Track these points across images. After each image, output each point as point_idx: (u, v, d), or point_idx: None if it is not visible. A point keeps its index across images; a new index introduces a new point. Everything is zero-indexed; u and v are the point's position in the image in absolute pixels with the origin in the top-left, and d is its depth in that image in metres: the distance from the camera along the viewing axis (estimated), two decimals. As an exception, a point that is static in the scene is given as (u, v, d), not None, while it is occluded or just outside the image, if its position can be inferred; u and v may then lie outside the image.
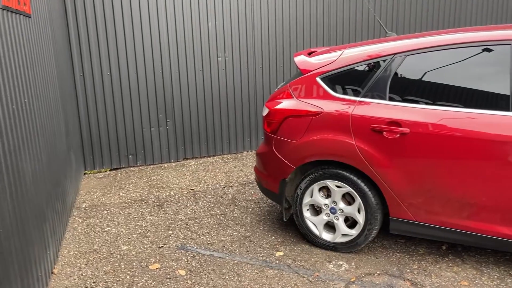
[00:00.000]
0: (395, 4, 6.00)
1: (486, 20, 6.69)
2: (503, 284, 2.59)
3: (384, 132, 2.77)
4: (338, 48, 3.23)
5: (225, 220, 3.65)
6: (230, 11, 5.28)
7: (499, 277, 2.67)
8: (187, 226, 3.55)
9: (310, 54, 3.35)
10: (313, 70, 3.14)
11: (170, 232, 3.45)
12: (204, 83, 5.33)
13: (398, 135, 2.74)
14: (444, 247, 3.05)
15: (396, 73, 2.86)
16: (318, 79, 3.09)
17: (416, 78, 2.87)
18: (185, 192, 4.32)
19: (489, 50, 2.66)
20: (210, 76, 5.34)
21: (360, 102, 2.91)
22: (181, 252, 3.12)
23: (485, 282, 2.62)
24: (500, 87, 2.56)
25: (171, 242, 3.28)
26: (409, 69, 2.87)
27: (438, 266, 2.83)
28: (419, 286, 2.62)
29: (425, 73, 2.85)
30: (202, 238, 3.33)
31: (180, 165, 5.22)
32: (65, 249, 3.21)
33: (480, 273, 2.72)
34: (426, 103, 2.75)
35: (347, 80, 3.01)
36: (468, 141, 2.57)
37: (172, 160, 5.35)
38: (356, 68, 2.98)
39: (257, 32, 5.46)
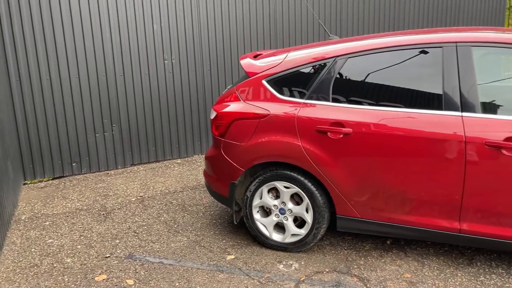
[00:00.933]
0: (338, 8, 6.19)
1: (426, 23, 7.05)
2: (442, 275, 2.74)
3: (329, 133, 2.84)
4: (283, 51, 3.28)
5: (175, 226, 3.59)
6: (176, 12, 5.21)
7: (438, 267, 2.82)
8: (136, 234, 3.45)
9: (256, 57, 3.37)
10: (259, 73, 3.16)
11: (117, 241, 3.34)
12: (151, 87, 5.22)
13: (341, 136, 2.82)
14: (388, 242, 3.18)
15: (338, 75, 2.94)
16: (264, 82, 3.12)
17: (358, 80, 2.97)
18: (133, 199, 4.20)
19: (425, 52, 2.81)
20: (157, 79, 5.24)
21: (305, 104, 2.96)
22: (129, 261, 3.03)
23: (426, 273, 2.76)
24: (434, 88, 2.71)
25: (118, 251, 3.18)
26: (351, 71, 2.97)
27: (383, 260, 2.94)
28: (365, 281, 2.71)
29: (366, 74, 2.96)
30: (151, 246, 3.25)
31: (127, 171, 5.08)
32: (3, 265, 3.01)
33: (421, 265, 2.86)
34: (368, 104, 2.85)
35: (292, 82, 3.06)
36: (406, 139, 2.69)
37: (119, 167, 5.19)
38: (300, 70, 3.04)
39: (204, 34, 5.43)
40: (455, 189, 2.63)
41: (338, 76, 2.94)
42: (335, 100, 2.92)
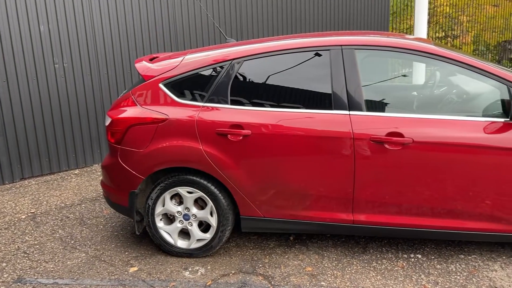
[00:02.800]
0: (238, 11, 6.28)
1: (324, 27, 7.45)
2: (340, 264, 2.90)
3: (228, 135, 2.86)
4: (180, 54, 3.23)
5: (72, 242, 3.34)
6: (65, 12, 4.86)
7: (336, 258, 2.98)
8: (26, 255, 3.14)
9: (152, 60, 3.28)
10: (155, 76, 3.07)
11: (4, 264, 3.01)
12: (41, 93, 4.80)
13: (241, 137, 2.85)
14: (291, 238, 3.29)
15: (235, 78, 2.97)
16: (161, 85, 3.04)
17: (255, 82, 3.03)
18: (23, 217, 3.83)
19: (316, 55, 2.95)
20: (47, 85, 4.84)
21: (204, 107, 2.95)
22: (18, 285, 2.75)
23: (326, 265, 2.90)
24: (325, 89, 2.86)
25: (5, 276, 2.87)
26: (248, 74, 3.02)
27: (286, 256, 3.03)
28: (270, 278, 2.77)
29: (263, 77, 3.03)
30: (44, 266, 2.98)
31: (16, 186, 4.61)
32: None
33: (321, 258, 3.00)
34: (265, 106, 2.93)
35: (190, 85, 3.02)
36: (301, 138, 2.81)
37: (6, 182, 4.69)
38: (198, 73, 3.01)
39: (99, 37, 5.14)
40: (347, 183, 2.80)
41: (235, 78, 2.97)
42: (233, 103, 2.94)
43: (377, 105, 2.98)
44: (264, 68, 3.02)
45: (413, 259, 2.92)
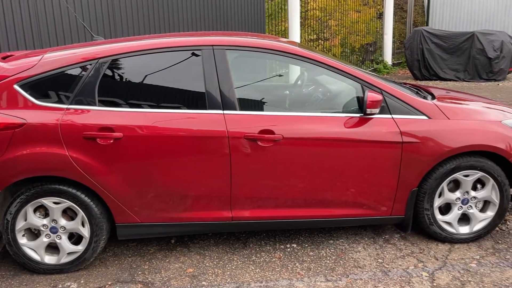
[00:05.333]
0: (110, 8, 5.95)
1: (200, 27, 7.44)
2: (221, 262, 2.93)
3: (97, 139, 2.69)
4: (39, 52, 2.94)
5: None
6: None
7: (218, 256, 3.01)
8: None
9: (4, 58, 2.93)
10: (9, 77, 2.75)
11: None
12: None
13: (112, 141, 2.70)
14: (173, 241, 3.23)
15: (103, 78, 2.80)
16: (16, 87, 2.72)
17: (126, 82, 2.91)
18: None
19: (188, 55, 2.92)
20: None
21: (69, 109, 2.72)
22: None
23: (207, 264, 2.91)
24: (198, 89, 2.86)
25: None
26: (118, 74, 2.88)
27: (167, 260, 2.97)
28: (149, 285, 2.68)
29: (134, 77, 2.92)
30: None
31: None
32: None
33: (203, 257, 3.00)
34: (137, 106, 2.82)
35: (52, 86, 2.77)
36: (177, 139, 2.77)
37: None
38: (61, 73, 2.77)
39: None
40: (224, 181, 2.83)
41: (103, 78, 2.80)
42: (102, 104, 2.77)
43: (251, 104, 3.08)
44: (135, 68, 2.91)
45: (289, 249, 3.08)
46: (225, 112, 2.81)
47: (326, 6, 11.75)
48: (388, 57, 13.93)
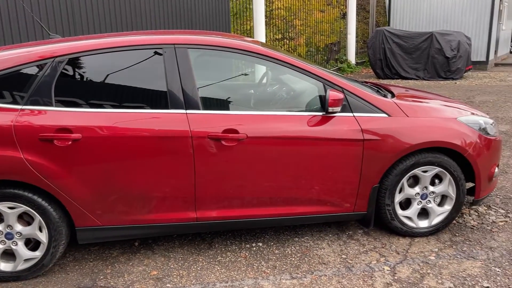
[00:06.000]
0: (69, 5, 5.76)
1: (162, 25, 7.33)
2: (186, 263, 2.90)
3: (55, 141, 2.59)
4: (-10, 51, 2.81)
5: None
6: None
7: (183, 258, 2.97)
8: None
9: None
10: (-42, 76, 2.61)
11: None
12: None
13: (70, 142, 2.61)
14: (136, 244, 3.16)
15: (60, 77, 2.70)
16: (-35, 87, 2.59)
17: (85, 82, 2.83)
18: None
19: (149, 54, 2.86)
20: None
21: (23, 110, 2.62)
22: None
23: (172, 266, 2.87)
24: (160, 88, 2.81)
25: None
26: (76, 73, 2.79)
27: (130, 263, 2.90)
28: (112, 289, 2.62)
29: (94, 76, 2.84)
30: None
31: None
32: None
33: (167, 259, 2.95)
34: (97, 106, 2.74)
35: (5, 86, 2.65)
36: (139, 139, 2.71)
37: None
38: (13, 72, 2.66)
39: None
40: (188, 182, 2.80)
41: (60, 78, 2.70)
42: (60, 104, 2.68)
43: (214, 103, 3.06)
44: (94, 67, 2.83)
45: (255, 248, 3.08)
46: (188, 111, 2.78)
47: (291, 5, 11.84)
48: (351, 57, 14.21)
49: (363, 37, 16.65)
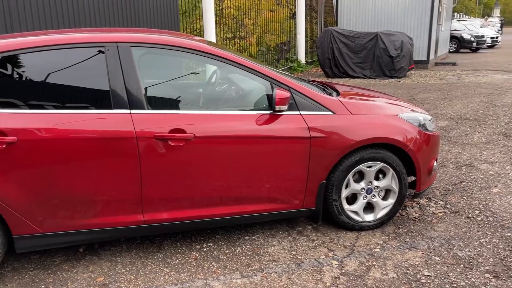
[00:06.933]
0: (5, 1, 5.44)
1: (108, 23, 7.08)
2: (134, 268, 2.82)
3: (-13, 144, 2.43)
4: None
5: None
6: None
7: (131, 262, 2.89)
8: None
9: None
10: None
11: None
12: None
13: (5, 146, 2.46)
14: (81, 250, 3.04)
15: (-8, 77, 2.54)
16: None
17: (21, 81, 2.67)
18: None
19: (92, 52, 2.75)
20: None
21: (-50, 112, 2.43)
22: None
23: (119, 271, 2.78)
24: (102, 87, 2.71)
25: None
26: (10, 72, 2.63)
27: (74, 271, 2.79)
28: (54, 299, 2.50)
29: (31, 75, 2.69)
30: None
31: None
32: None
33: (114, 264, 2.86)
34: (34, 107, 2.60)
35: None
36: (82, 141, 2.61)
37: None
38: None
39: None
40: (134, 184, 2.73)
41: (-8, 77, 2.54)
42: (-8, 106, 2.52)
43: (161, 103, 2.99)
44: (31, 66, 2.68)
45: (205, 249, 3.05)
46: (133, 111, 2.70)
47: (241, 5, 11.86)
48: (301, 56, 14.47)
49: (313, 36, 17.00)
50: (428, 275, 2.70)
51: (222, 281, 2.67)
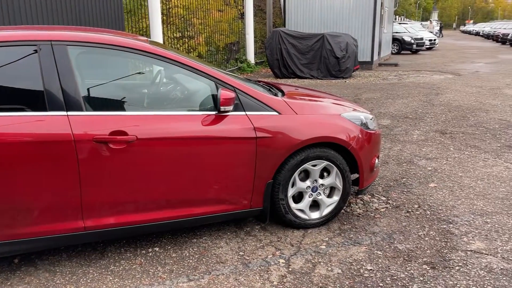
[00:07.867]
0: None
1: (46, 22, 6.74)
2: (74, 277, 2.69)
3: None
4: None
5: None
6: None
7: (71, 271, 2.76)
8: None
9: None
10: None
11: None
12: None
13: None
14: (16, 261, 2.86)
15: None
16: None
17: None
18: None
19: (25, 51, 2.59)
20: None
21: None
22: None
23: (58, 281, 2.65)
24: (36, 88, 2.56)
25: None
26: None
27: (8, 283, 2.62)
28: (-16, 315, 2.33)
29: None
30: None
31: None
32: None
33: (53, 274, 2.72)
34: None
35: None
36: (13, 145, 2.45)
37: None
38: None
39: None
40: (73, 190, 2.60)
41: None
42: None
43: (101, 104, 2.88)
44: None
45: (151, 254, 2.97)
46: (69, 113, 2.58)
47: (189, 4, 11.71)
48: (251, 56, 14.54)
49: (262, 37, 17.13)
50: (371, 269, 2.79)
51: (168, 285, 2.61)
